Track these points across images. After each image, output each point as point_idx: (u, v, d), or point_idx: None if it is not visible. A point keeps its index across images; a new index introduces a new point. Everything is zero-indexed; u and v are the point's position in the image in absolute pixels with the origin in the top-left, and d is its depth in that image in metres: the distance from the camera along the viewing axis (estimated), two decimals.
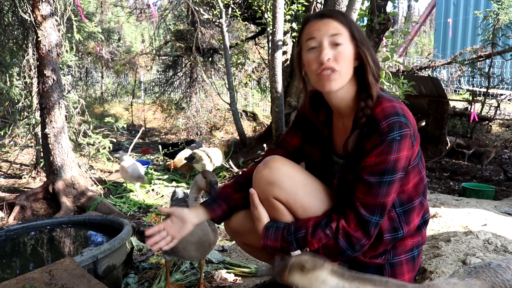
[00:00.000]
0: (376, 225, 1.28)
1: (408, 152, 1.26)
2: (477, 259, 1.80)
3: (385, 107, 1.27)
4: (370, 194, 1.26)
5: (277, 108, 5.01)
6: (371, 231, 1.27)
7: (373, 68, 1.32)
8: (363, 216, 1.26)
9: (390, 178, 1.25)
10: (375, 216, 1.26)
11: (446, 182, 4.84)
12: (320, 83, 1.33)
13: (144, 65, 11.04)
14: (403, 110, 1.28)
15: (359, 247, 1.28)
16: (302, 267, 1.02)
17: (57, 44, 3.86)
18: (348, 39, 1.31)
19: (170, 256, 2.04)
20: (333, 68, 1.29)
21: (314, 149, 1.54)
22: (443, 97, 5.98)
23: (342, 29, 1.31)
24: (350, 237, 1.27)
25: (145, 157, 6.68)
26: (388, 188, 1.26)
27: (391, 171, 1.25)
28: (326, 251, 1.29)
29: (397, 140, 1.23)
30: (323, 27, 1.31)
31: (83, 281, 1.49)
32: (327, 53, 1.29)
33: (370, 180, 1.25)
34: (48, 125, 3.80)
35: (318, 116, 1.52)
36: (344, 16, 1.34)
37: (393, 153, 1.24)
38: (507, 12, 6.91)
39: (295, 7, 5.58)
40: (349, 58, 1.31)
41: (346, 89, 1.35)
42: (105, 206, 3.72)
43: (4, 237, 2.27)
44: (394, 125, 1.24)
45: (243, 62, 6.91)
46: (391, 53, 4.03)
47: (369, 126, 1.28)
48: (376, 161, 1.25)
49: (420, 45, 25.59)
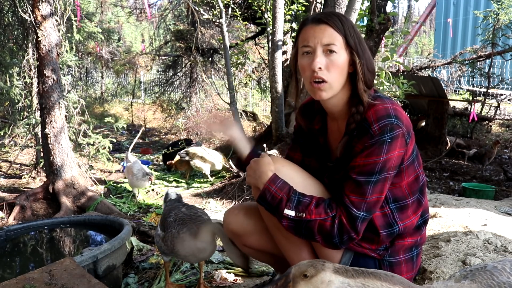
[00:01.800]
0: (363, 221, 1.30)
1: (400, 151, 1.28)
2: (477, 259, 1.80)
3: (377, 109, 1.29)
4: (357, 192, 1.29)
5: (277, 108, 5.01)
6: (358, 226, 1.29)
7: (366, 75, 1.33)
8: (351, 211, 1.28)
9: (377, 178, 1.28)
10: (362, 212, 1.29)
11: (446, 182, 4.84)
12: (312, 90, 1.37)
13: (144, 65, 11.04)
14: (395, 110, 1.29)
15: (346, 238, 1.30)
16: (304, 275, 1.01)
17: (57, 44, 3.86)
18: (342, 46, 1.31)
19: (168, 256, 2.05)
20: (324, 79, 1.31)
21: (312, 159, 1.57)
22: (443, 97, 5.98)
23: (337, 36, 1.31)
24: (342, 227, 1.29)
25: (145, 157, 6.68)
26: (375, 187, 1.28)
27: (379, 171, 1.27)
28: (319, 228, 1.29)
29: (387, 142, 1.26)
30: (318, 34, 1.31)
31: (83, 281, 1.49)
32: (319, 62, 1.30)
33: (358, 179, 1.28)
34: (48, 125, 3.80)
35: (313, 125, 1.55)
36: (341, 22, 1.32)
37: (382, 155, 1.26)
38: (507, 12, 6.91)
39: (295, 7, 5.58)
40: (341, 66, 1.32)
41: (339, 95, 1.38)
42: (105, 206, 3.72)
43: (4, 237, 2.27)
44: (385, 128, 1.26)
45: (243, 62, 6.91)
46: (391, 53, 4.03)
47: (360, 128, 1.30)
48: (365, 162, 1.27)
49: (420, 45, 25.59)
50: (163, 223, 2.03)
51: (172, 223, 1.95)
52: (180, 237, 1.88)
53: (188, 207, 2.10)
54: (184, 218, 1.95)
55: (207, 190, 4.66)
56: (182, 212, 2.02)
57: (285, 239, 1.47)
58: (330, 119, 1.49)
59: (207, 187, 4.82)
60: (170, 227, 1.94)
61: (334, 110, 1.42)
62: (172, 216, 2.00)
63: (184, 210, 2.04)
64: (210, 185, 4.89)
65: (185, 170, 5.33)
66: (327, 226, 1.29)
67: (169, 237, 1.91)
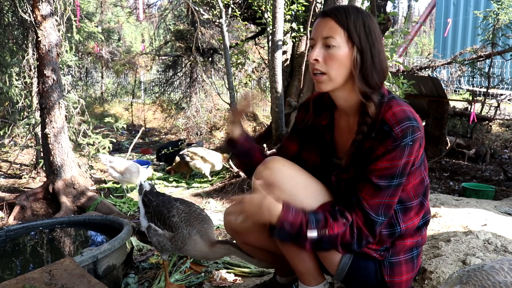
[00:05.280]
0: (381, 225, 1.31)
1: (416, 154, 1.29)
2: (477, 259, 1.80)
3: (396, 112, 1.27)
4: (377, 196, 1.28)
5: (277, 108, 5.01)
6: (376, 230, 1.30)
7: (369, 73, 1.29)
8: (370, 216, 1.28)
9: (398, 181, 1.28)
10: (381, 216, 1.29)
11: (446, 182, 4.84)
12: (314, 82, 1.36)
13: (144, 65, 11.04)
14: (413, 113, 1.29)
15: (364, 243, 1.31)
16: None
17: (57, 44, 3.86)
18: (344, 40, 1.28)
19: (167, 254, 2.08)
20: (322, 71, 1.30)
21: (313, 154, 1.54)
22: (443, 97, 5.98)
23: (338, 29, 1.28)
24: (361, 233, 1.29)
25: (145, 157, 6.68)
26: (394, 190, 1.29)
27: (400, 175, 1.27)
28: (341, 239, 1.30)
29: (409, 145, 1.25)
30: (320, 27, 1.31)
31: (83, 281, 1.49)
32: (315, 54, 1.30)
33: (379, 184, 1.27)
34: (48, 125, 3.80)
35: (320, 120, 1.52)
36: (346, 15, 1.28)
37: (403, 158, 1.26)
38: (507, 12, 6.91)
39: (295, 7, 5.58)
40: (341, 60, 1.28)
41: (348, 91, 1.35)
42: (105, 206, 3.72)
43: (4, 237, 2.27)
44: (407, 130, 1.24)
45: (243, 62, 6.90)
46: (391, 53, 4.03)
47: (380, 131, 1.28)
48: (387, 165, 1.26)
49: (420, 45, 25.59)
50: (164, 222, 2.03)
51: (179, 224, 1.98)
52: (192, 239, 1.94)
53: (183, 203, 2.13)
54: (189, 218, 2.00)
55: (207, 190, 4.66)
56: (181, 210, 2.05)
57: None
58: (340, 115, 1.46)
59: (207, 187, 4.82)
60: (180, 228, 1.97)
61: (344, 105, 1.40)
62: (176, 216, 2.01)
63: (183, 208, 2.07)
64: (210, 185, 4.89)
65: (186, 171, 5.33)
66: (347, 236, 1.29)
67: (179, 238, 1.95)
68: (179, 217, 2.00)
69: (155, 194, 2.24)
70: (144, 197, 2.22)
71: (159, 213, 2.08)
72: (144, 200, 2.20)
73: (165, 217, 2.04)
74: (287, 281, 1.74)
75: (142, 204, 2.22)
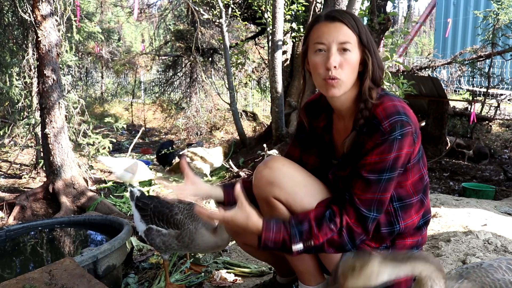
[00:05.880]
0: (374, 220, 1.30)
1: (408, 149, 1.28)
2: (477, 259, 1.80)
3: (386, 107, 1.28)
4: (368, 191, 1.28)
5: (277, 108, 5.01)
6: (369, 226, 1.29)
7: (377, 73, 1.34)
8: (361, 212, 1.28)
9: (388, 176, 1.28)
10: (373, 212, 1.29)
11: (446, 182, 4.84)
12: (324, 88, 1.34)
13: (144, 65, 11.04)
14: (404, 108, 1.29)
15: (359, 241, 1.31)
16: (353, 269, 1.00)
17: (57, 44, 3.86)
18: (356, 45, 1.31)
19: (168, 254, 2.07)
20: (338, 77, 1.30)
21: (311, 156, 1.55)
22: (443, 97, 5.98)
23: (351, 35, 1.30)
24: (352, 232, 1.29)
25: (145, 157, 6.68)
26: (385, 185, 1.28)
27: (390, 169, 1.27)
28: (329, 245, 1.30)
29: (398, 139, 1.25)
30: (333, 32, 1.30)
31: (83, 281, 1.49)
32: (335, 60, 1.29)
33: (369, 178, 1.27)
34: (48, 125, 3.80)
35: (318, 122, 1.53)
36: (354, 20, 1.32)
37: (393, 152, 1.26)
38: (507, 12, 6.91)
39: (295, 7, 5.58)
40: (354, 65, 1.32)
41: (348, 93, 1.37)
42: (105, 206, 3.72)
43: (4, 237, 2.26)
44: (396, 124, 1.25)
45: (243, 62, 6.91)
46: (391, 53, 4.03)
47: (370, 125, 1.29)
48: (376, 159, 1.27)
49: (420, 45, 25.59)
50: (168, 221, 2.03)
51: (184, 220, 2.00)
52: (199, 233, 1.96)
53: (181, 202, 2.14)
54: (192, 214, 2.03)
55: None
56: (183, 207, 2.07)
57: None
58: (337, 117, 1.48)
59: None
60: (186, 224, 1.99)
61: (342, 107, 1.41)
62: (179, 213, 2.03)
63: (183, 205, 2.08)
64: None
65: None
66: (336, 239, 1.29)
67: (186, 234, 1.97)
68: (183, 214, 2.02)
69: (148, 198, 2.23)
70: (137, 202, 2.21)
71: (160, 213, 2.08)
72: (138, 205, 2.18)
73: (168, 216, 2.04)
74: (287, 281, 1.74)
75: (135, 209, 2.20)
